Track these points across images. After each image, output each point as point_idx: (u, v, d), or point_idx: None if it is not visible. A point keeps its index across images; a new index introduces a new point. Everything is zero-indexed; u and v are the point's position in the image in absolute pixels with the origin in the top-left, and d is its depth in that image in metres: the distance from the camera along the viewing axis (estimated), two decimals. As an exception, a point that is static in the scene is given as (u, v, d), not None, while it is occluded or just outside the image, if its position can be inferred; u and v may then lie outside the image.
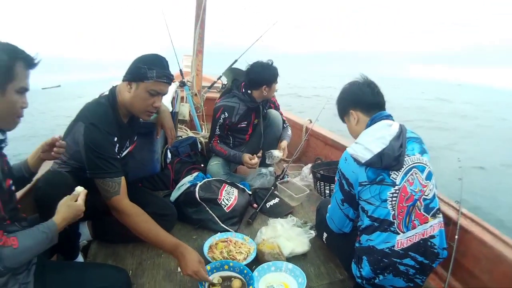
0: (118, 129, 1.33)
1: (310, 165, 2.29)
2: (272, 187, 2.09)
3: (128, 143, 1.47)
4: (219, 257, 1.44)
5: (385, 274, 1.14)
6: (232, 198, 1.80)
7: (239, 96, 2.13)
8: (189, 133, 2.72)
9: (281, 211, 1.91)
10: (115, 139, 1.32)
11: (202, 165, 2.29)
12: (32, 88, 0.95)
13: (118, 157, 1.34)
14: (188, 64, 3.16)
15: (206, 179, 1.88)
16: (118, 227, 1.30)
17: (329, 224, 1.38)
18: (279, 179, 2.18)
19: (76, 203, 1.01)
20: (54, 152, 1.14)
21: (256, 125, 2.26)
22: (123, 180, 1.28)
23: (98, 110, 1.30)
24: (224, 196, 1.78)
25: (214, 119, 2.17)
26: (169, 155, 2.22)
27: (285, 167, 2.28)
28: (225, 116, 2.12)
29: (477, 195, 4.17)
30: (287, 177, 2.26)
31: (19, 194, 1.16)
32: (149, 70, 1.25)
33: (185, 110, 2.77)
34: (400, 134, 1.16)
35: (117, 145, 1.34)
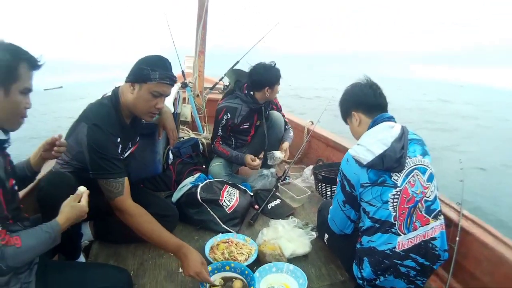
0: (120, 130, 1.34)
1: (311, 167, 2.29)
2: (274, 189, 2.09)
3: (130, 144, 1.48)
4: (220, 258, 1.44)
5: (386, 275, 1.14)
6: (233, 199, 1.80)
7: (242, 97, 2.13)
8: (191, 134, 2.71)
9: (282, 212, 1.91)
10: (118, 140, 1.32)
11: (203, 166, 2.30)
12: (34, 89, 0.95)
13: (121, 158, 1.35)
14: (190, 65, 3.16)
15: (207, 180, 1.89)
16: (120, 227, 1.30)
17: (330, 226, 1.38)
18: (280, 180, 2.18)
19: (79, 204, 1.01)
20: (54, 151, 1.14)
21: (258, 126, 2.27)
22: (126, 180, 1.28)
23: (101, 111, 1.30)
24: (225, 197, 1.79)
25: (216, 120, 2.17)
26: (171, 156, 2.22)
27: (286, 169, 2.28)
28: (228, 117, 2.13)
29: (478, 195, 4.16)
30: (289, 178, 2.26)
31: (21, 194, 1.16)
32: (152, 71, 1.26)
33: (187, 111, 2.77)
34: (402, 136, 1.16)
35: (120, 146, 1.34)
